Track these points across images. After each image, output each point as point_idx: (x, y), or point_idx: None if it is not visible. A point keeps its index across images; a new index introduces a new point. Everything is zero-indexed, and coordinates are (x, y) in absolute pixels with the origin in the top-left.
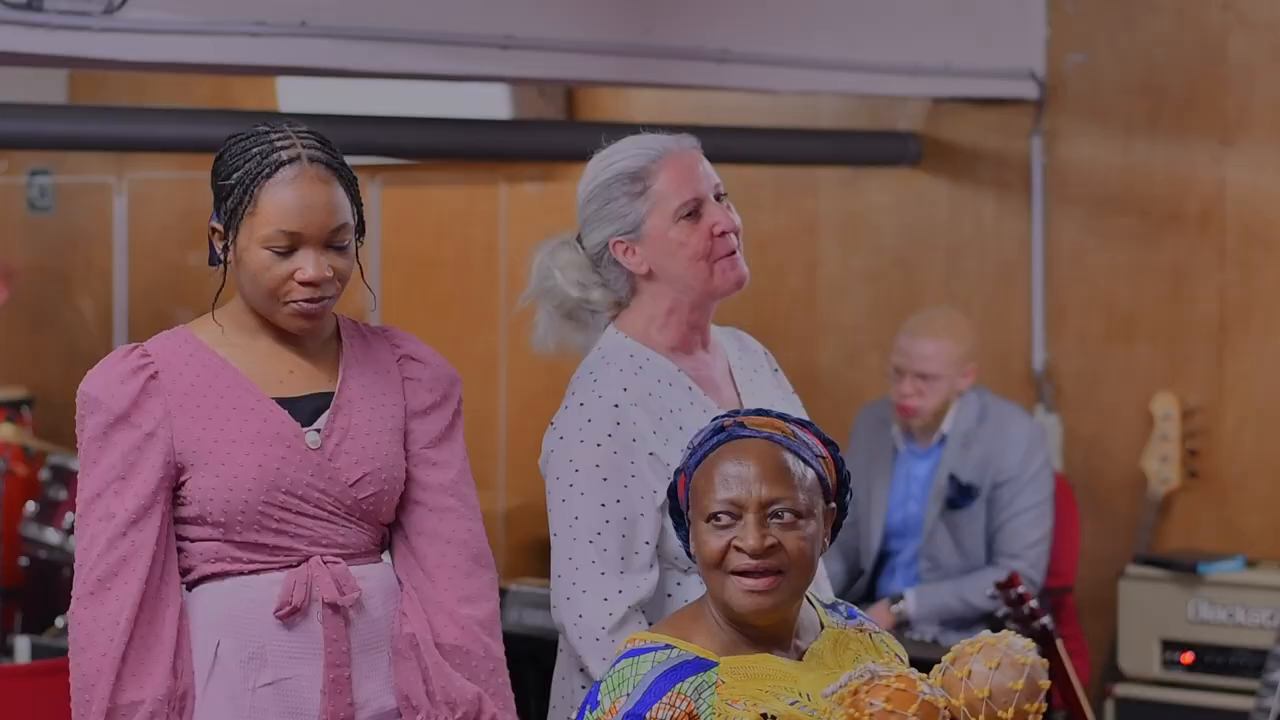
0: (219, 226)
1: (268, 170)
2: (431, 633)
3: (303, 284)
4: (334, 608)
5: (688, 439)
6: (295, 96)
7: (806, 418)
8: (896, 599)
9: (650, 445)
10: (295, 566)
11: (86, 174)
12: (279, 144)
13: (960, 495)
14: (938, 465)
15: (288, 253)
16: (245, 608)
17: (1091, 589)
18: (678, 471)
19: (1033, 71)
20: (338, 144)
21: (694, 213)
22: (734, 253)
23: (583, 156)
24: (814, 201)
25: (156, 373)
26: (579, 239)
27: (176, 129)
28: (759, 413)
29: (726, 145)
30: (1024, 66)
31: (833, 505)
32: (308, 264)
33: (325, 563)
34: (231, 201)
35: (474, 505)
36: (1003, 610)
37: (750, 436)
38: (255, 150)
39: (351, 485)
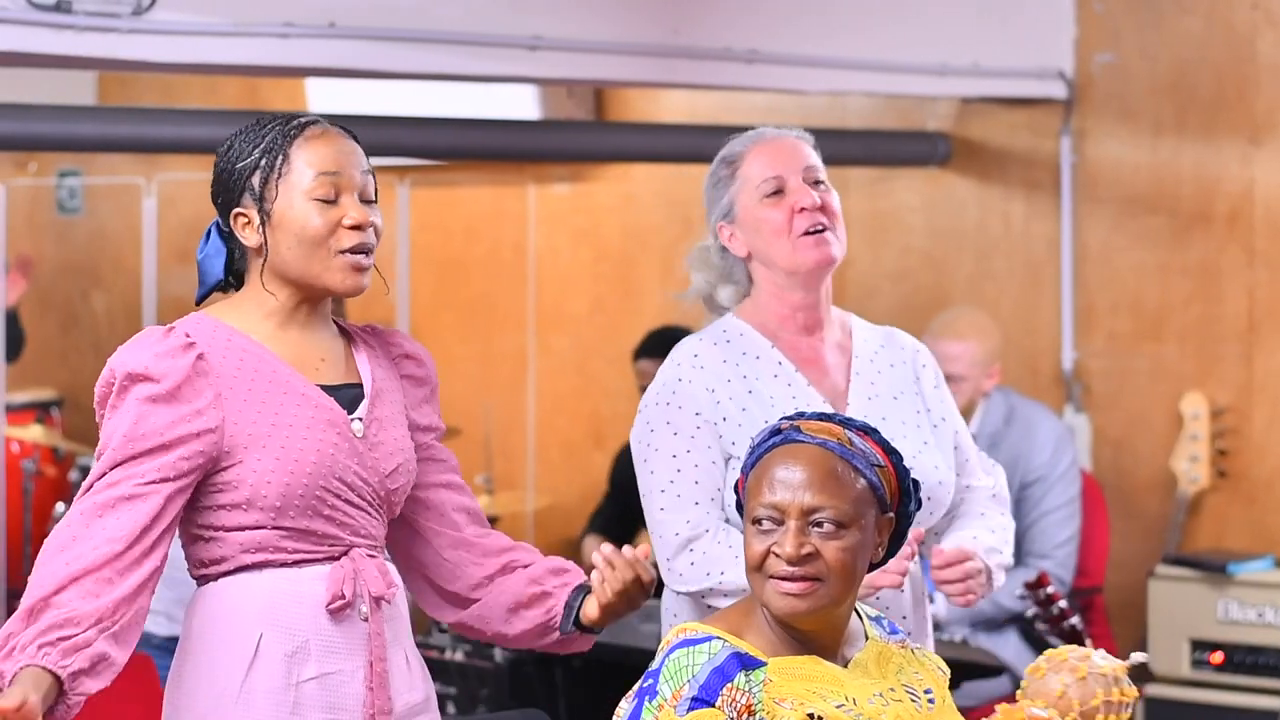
0: (245, 211)
1: (294, 131)
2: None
3: (351, 229)
4: (378, 601)
5: (761, 403)
6: (324, 97)
7: (953, 420)
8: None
9: (699, 406)
10: (336, 559)
11: (115, 175)
12: (296, 116)
13: None
14: None
15: (331, 202)
16: (289, 601)
17: (1121, 589)
18: (743, 469)
19: (1061, 71)
20: (366, 145)
21: (778, 191)
22: (821, 230)
23: (611, 157)
24: (842, 201)
25: (203, 354)
26: None
27: (205, 130)
28: (820, 417)
29: None
30: (1052, 66)
31: (890, 515)
32: (352, 208)
33: (366, 557)
34: (261, 174)
35: None
36: (1032, 610)
37: (804, 442)
38: (272, 125)
39: (388, 475)
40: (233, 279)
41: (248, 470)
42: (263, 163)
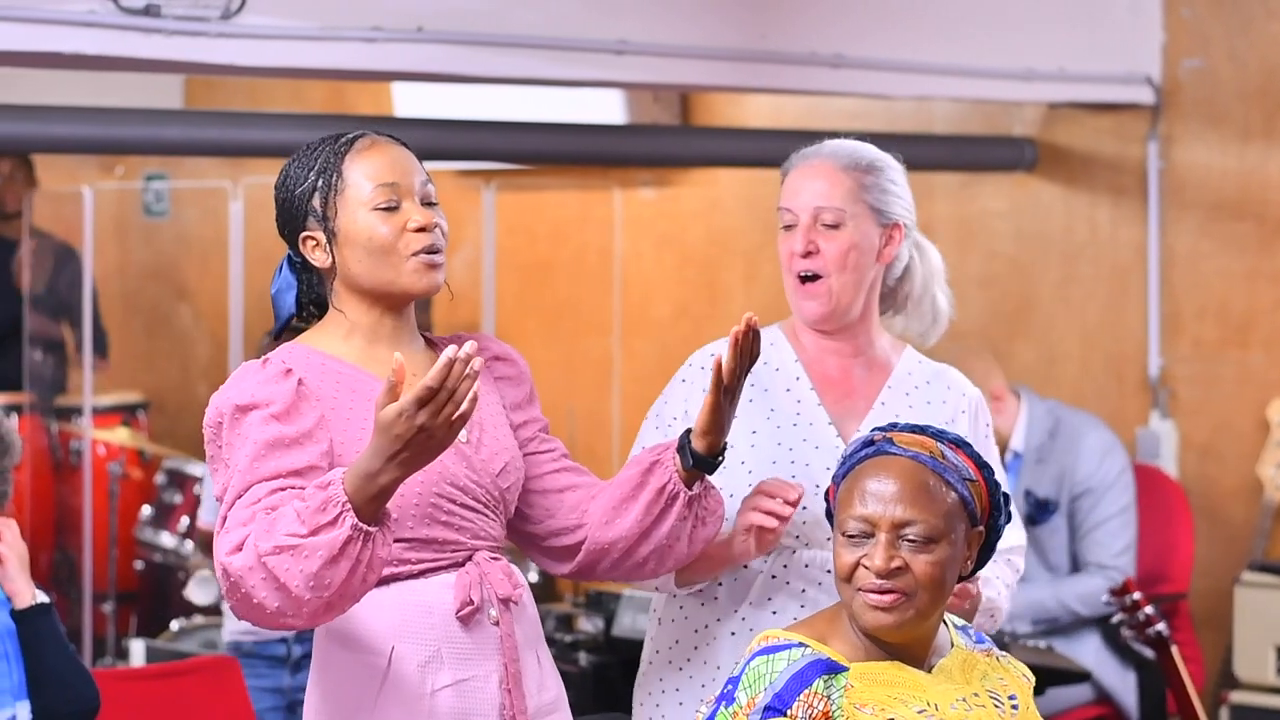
0: (312, 234)
1: (344, 148)
2: None
3: (416, 231)
4: (506, 603)
5: (760, 410)
6: (410, 102)
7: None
8: None
9: (687, 406)
10: (460, 565)
11: (202, 179)
12: (343, 134)
13: (1038, 510)
14: (1015, 483)
15: (393, 209)
16: (418, 612)
17: (1206, 595)
18: (834, 479)
19: (1148, 76)
20: (452, 149)
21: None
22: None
23: (697, 161)
24: (928, 206)
25: (302, 379)
26: None
27: (291, 134)
28: (913, 429)
29: None
30: (1140, 71)
31: (980, 529)
32: (414, 212)
33: (489, 559)
34: (320, 195)
35: None
36: (1118, 617)
37: (896, 454)
38: (322, 146)
39: (497, 475)
40: (314, 308)
41: None
42: (320, 184)
